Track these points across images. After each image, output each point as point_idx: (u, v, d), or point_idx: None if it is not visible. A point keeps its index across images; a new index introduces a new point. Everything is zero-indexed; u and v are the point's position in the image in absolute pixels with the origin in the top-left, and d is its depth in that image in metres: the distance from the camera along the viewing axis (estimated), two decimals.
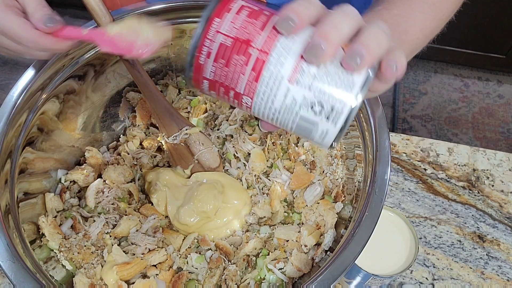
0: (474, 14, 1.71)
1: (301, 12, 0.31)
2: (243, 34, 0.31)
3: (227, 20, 0.31)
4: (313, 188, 0.62)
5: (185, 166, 0.66)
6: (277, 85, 0.31)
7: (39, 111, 0.56)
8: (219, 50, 0.32)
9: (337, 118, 0.31)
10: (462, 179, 0.78)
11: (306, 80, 0.31)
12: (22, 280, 0.45)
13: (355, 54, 0.30)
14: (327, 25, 0.31)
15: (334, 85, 0.31)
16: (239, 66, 0.32)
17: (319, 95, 0.31)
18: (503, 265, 0.70)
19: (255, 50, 0.31)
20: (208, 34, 0.32)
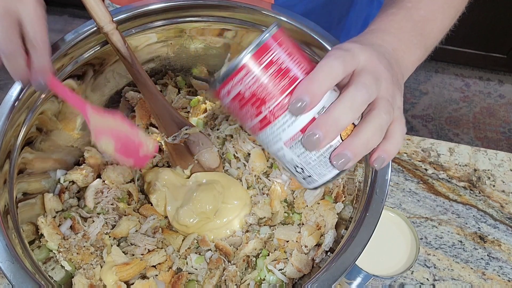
0: (475, 14, 1.70)
1: (318, 90, 0.33)
2: (262, 93, 0.34)
3: (253, 73, 0.34)
4: None
5: (184, 166, 0.66)
6: (275, 142, 0.36)
7: (38, 110, 0.56)
8: (237, 96, 0.35)
9: (312, 183, 0.38)
10: (463, 179, 0.78)
11: (298, 150, 0.35)
12: (21, 281, 0.44)
13: (340, 157, 0.34)
14: (330, 115, 0.34)
15: (317, 164, 0.36)
16: (249, 116, 0.36)
17: (303, 163, 0.36)
18: (504, 266, 0.69)
19: (267, 110, 0.35)
20: (233, 78, 0.34)
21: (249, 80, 0.34)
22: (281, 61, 0.34)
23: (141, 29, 0.62)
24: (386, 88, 0.37)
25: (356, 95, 0.34)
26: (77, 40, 0.56)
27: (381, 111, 0.35)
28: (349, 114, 0.34)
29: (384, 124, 0.35)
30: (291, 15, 0.58)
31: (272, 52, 0.34)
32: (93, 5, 0.51)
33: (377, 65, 0.37)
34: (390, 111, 0.36)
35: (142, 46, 0.64)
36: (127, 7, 0.60)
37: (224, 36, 0.65)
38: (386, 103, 0.36)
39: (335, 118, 0.33)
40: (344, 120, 0.34)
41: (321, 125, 0.33)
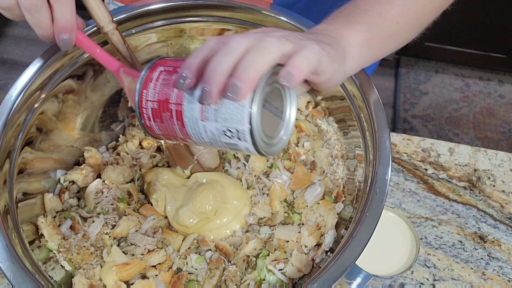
0: (475, 13, 1.70)
1: (193, 64, 0.36)
2: (162, 95, 0.39)
3: (150, 88, 0.40)
4: (314, 188, 0.62)
5: (184, 166, 0.66)
6: (197, 125, 0.38)
7: (38, 111, 0.56)
8: (152, 113, 0.40)
9: (245, 137, 0.37)
10: (463, 179, 0.78)
11: (210, 115, 0.37)
12: (21, 281, 0.44)
13: (230, 88, 0.35)
14: (209, 69, 0.35)
15: (230, 113, 0.36)
16: (169, 120, 0.39)
17: (225, 123, 0.37)
18: (504, 266, 0.69)
19: (173, 105, 0.39)
20: (142, 104, 0.40)
21: (150, 95, 0.40)
22: (167, 68, 0.40)
23: (141, 29, 0.62)
24: (281, 33, 0.37)
25: (229, 41, 0.35)
26: None
27: (266, 37, 0.35)
28: (224, 57, 0.35)
29: (270, 45, 0.35)
30: (291, 14, 0.58)
31: (158, 69, 0.40)
32: (93, 5, 0.51)
33: (268, 30, 0.38)
34: (280, 38, 0.36)
35: (142, 46, 0.64)
36: (127, 7, 0.60)
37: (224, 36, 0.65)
38: (277, 36, 0.36)
39: (212, 66, 0.35)
40: (221, 64, 0.35)
41: (205, 79, 0.35)
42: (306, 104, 0.69)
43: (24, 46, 2.10)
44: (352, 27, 0.44)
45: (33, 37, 2.11)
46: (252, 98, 0.36)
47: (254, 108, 0.36)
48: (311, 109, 0.69)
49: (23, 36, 2.13)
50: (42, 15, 0.43)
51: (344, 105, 0.59)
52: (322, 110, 0.68)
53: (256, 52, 0.35)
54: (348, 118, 0.60)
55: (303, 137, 0.67)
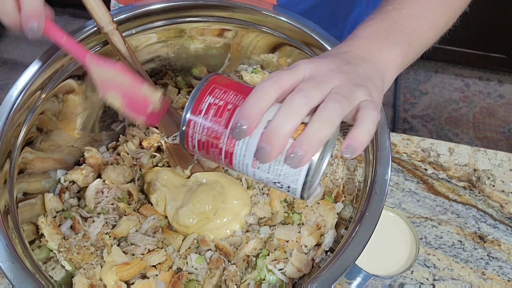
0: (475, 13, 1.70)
1: (251, 115, 0.35)
2: (212, 133, 0.38)
3: (198, 122, 0.39)
4: None
5: (184, 166, 0.66)
6: (245, 169, 0.38)
7: (38, 111, 0.56)
8: (198, 144, 0.39)
9: (296, 192, 0.38)
10: (463, 179, 0.78)
11: (263, 167, 0.37)
12: (21, 281, 0.44)
13: (292, 156, 0.34)
14: (271, 129, 0.34)
15: (285, 172, 0.37)
16: (216, 155, 0.39)
17: (276, 177, 0.37)
18: (504, 266, 0.69)
19: (223, 145, 0.38)
20: (188, 134, 0.40)
21: (198, 128, 0.39)
22: (218, 100, 0.38)
23: (142, 29, 0.62)
24: (338, 85, 0.37)
25: (293, 100, 0.35)
26: (77, 40, 0.56)
27: (328, 103, 0.35)
28: (288, 120, 0.34)
29: (333, 113, 0.35)
30: (291, 15, 0.59)
31: (206, 99, 0.38)
32: (93, 6, 0.51)
33: (322, 70, 0.37)
34: (339, 101, 0.35)
35: (142, 46, 0.64)
36: (127, 7, 0.60)
37: (224, 36, 0.65)
38: (335, 95, 0.36)
39: (275, 127, 0.34)
40: (285, 126, 0.34)
41: (265, 138, 0.35)
42: None
43: (24, 46, 2.10)
44: (392, 49, 0.45)
45: None
46: (310, 165, 0.36)
47: (310, 174, 0.36)
48: None
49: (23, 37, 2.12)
50: (6, 1, 0.41)
51: None
52: None
53: (321, 122, 0.34)
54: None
55: None
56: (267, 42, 0.64)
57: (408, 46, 0.46)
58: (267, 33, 0.62)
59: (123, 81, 0.46)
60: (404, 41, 0.46)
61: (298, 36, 0.59)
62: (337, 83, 0.37)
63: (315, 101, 0.35)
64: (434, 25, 0.50)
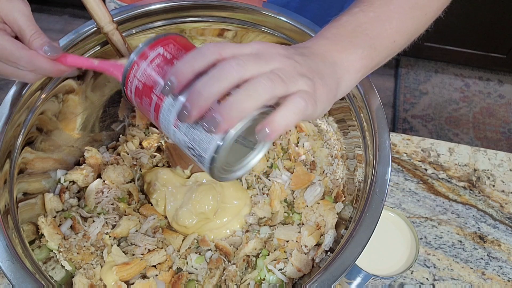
0: (474, 13, 1.71)
1: (182, 74, 0.35)
2: (149, 81, 0.39)
3: (142, 67, 0.39)
4: (313, 188, 0.62)
5: (185, 166, 0.66)
6: (168, 126, 0.38)
7: (38, 111, 0.56)
8: (136, 91, 0.40)
9: (203, 163, 0.38)
10: (463, 179, 0.78)
11: (183, 128, 0.37)
12: (21, 281, 0.45)
13: (209, 119, 0.34)
14: (196, 90, 0.34)
15: (200, 137, 0.36)
16: (147, 106, 0.39)
17: (192, 142, 0.37)
18: (504, 266, 0.70)
19: (155, 96, 0.38)
20: (129, 76, 0.40)
21: (140, 73, 0.39)
22: (168, 53, 0.39)
23: (141, 29, 0.62)
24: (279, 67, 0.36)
25: (224, 65, 0.34)
26: (77, 40, 0.56)
27: (260, 77, 0.34)
28: (214, 83, 0.34)
29: (262, 88, 0.34)
30: (291, 15, 0.59)
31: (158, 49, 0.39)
32: (93, 6, 0.51)
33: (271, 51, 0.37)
34: (273, 79, 0.34)
35: None
36: (127, 7, 0.60)
37: (224, 36, 0.65)
38: (271, 74, 0.34)
39: (199, 88, 0.34)
40: (210, 88, 0.34)
41: (189, 97, 0.34)
42: None
43: None
44: (354, 52, 0.43)
45: None
46: (224, 136, 0.35)
47: (222, 145, 0.35)
48: None
49: None
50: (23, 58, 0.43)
51: (344, 105, 0.59)
52: None
53: (245, 93, 0.34)
54: (348, 118, 0.60)
55: (303, 137, 0.67)
56: None
57: (372, 49, 0.45)
58: (267, 33, 0.62)
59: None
60: (368, 44, 0.45)
61: (298, 36, 0.59)
62: (280, 66, 0.36)
63: (247, 73, 0.34)
64: (402, 29, 0.48)
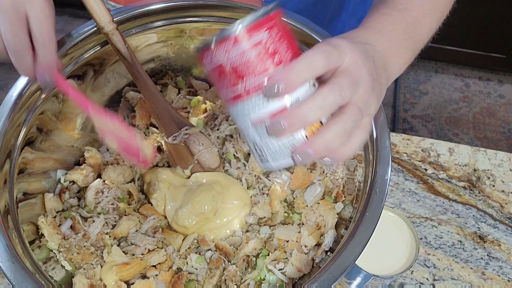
0: (475, 14, 1.71)
1: (296, 79, 0.34)
2: (243, 68, 0.35)
3: (241, 46, 0.34)
4: (313, 188, 0.62)
5: (185, 166, 0.66)
6: (243, 117, 0.37)
7: (38, 111, 0.56)
8: (219, 66, 0.36)
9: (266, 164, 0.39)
10: (463, 179, 0.78)
11: (261, 132, 0.37)
12: (21, 281, 0.45)
13: (303, 153, 0.36)
14: (299, 108, 0.34)
15: (276, 150, 0.37)
16: (226, 86, 0.36)
17: (264, 146, 0.37)
18: (504, 266, 0.70)
19: (243, 86, 0.35)
20: (222, 44, 0.35)
21: (234, 53, 0.34)
22: (270, 43, 0.35)
23: (141, 29, 0.62)
24: (362, 94, 0.37)
25: (329, 95, 0.35)
26: (77, 40, 0.56)
27: (349, 117, 0.36)
28: (317, 112, 0.35)
29: (348, 129, 0.36)
30: (291, 15, 0.59)
31: (264, 31, 0.34)
32: (93, 6, 0.51)
33: (360, 68, 0.37)
34: (358, 119, 0.36)
35: (142, 46, 0.64)
36: (127, 7, 0.60)
37: None
38: (356, 109, 0.36)
39: (303, 112, 0.34)
40: (311, 116, 0.35)
41: (289, 115, 0.35)
42: None
43: None
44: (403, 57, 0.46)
45: None
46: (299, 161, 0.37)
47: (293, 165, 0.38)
48: None
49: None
50: (26, 58, 0.45)
51: None
52: None
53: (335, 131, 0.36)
54: None
55: None
56: None
57: (413, 53, 0.48)
58: None
59: (120, 132, 0.53)
60: (412, 47, 0.47)
61: (298, 36, 0.58)
62: (365, 87, 0.37)
63: (344, 101, 0.36)
64: (430, 30, 0.51)
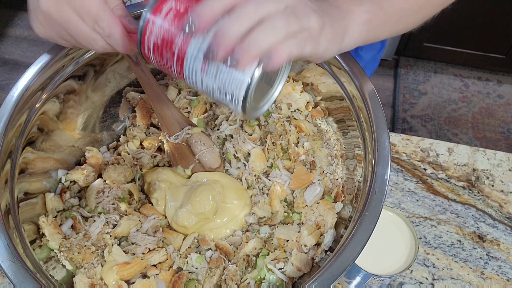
0: (474, 14, 1.71)
1: (205, 14, 0.36)
2: (168, 35, 0.39)
3: (157, 22, 0.39)
4: (313, 188, 0.62)
5: (186, 165, 0.66)
6: (195, 74, 0.39)
7: (39, 111, 0.56)
8: (154, 47, 0.40)
9: (238, 102, 0.39)
10: (462, 179, 0.78)
11: (211, 71, 0.38)
12: (22, 280, 0.45)
13: (235, 56, 0.36)
14: (220, 30, 0.35)
15: (230, 77, 0.38)
16: (169, 59, 0.40)
17: (222, 85, 0.39)
18: (503, 265, 0.70)
19: (176, 48, 0.39)
20: (145, 34, 0.40)
21: (156, 29, 0.39)
22: (179, 6, 0.39)
23: None
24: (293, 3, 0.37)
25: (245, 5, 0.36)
26: None
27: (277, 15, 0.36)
28: (237, 22, 0.35)
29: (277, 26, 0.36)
30: None
31: (169, 3, 0.39)
32: None
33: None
34: (289, 16, 0.36)
35: None
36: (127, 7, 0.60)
37: None
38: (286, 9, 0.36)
39: (223, 27, 0.35)
40: (234, 28, 0.35)
41: (214, 39, 0.35)
42: (306, 104, 0.69)
43: (25, 46, 2.10)
44: (360, 5, 0.45)
45: (34, 38, 2.11)
46: (253, 72, 0.37)
47: (251, 83, 0.38)
48: (311, 109, 0.69)
49: (24, 37, 2.13)
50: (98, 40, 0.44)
51: (343, 105, 0.60)
52: (321, 110, 0.68)
53: (264, 30, 0.36)
54: (347, 118, 0.61)
55: (302, 137, 0.67)
56: None
57: (378, 7, 0.47)
58: None
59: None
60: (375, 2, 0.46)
61: None
62: (293, 3, 0.37)
63: (266, 10, 0.36)
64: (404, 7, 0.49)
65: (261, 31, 0.36)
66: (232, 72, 0.38)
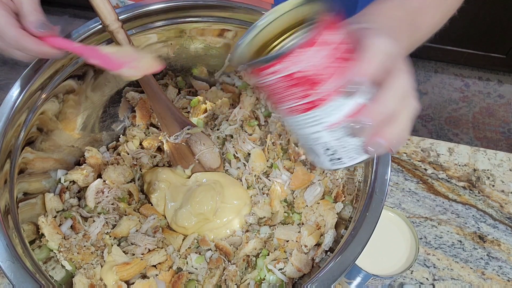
0: (474, 13, 1.71)
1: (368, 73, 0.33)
2: (316, 75, 0.32)
3: (307, 56, 0.31)
4: (313, 188, 0.62)
5: (186, 166, 0.66)
6: (313, 124, 0.35)
7: (39, 111, 0.56)
8: (287, 75, 0.32)
9: (337, 164, 0.38)
10: (463, 179, 0.78)
11: (338, 134, 0.35)
12: (21, 280, 0.45)
13: (377, 147, 0.35)
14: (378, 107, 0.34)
15: (353, 148, 0.36)
16: (294, 96, 0.33)
17: (338, 147, 0.36)
18: (503, 266, 0.70)
19: (316, 93, 0.33)
20: (283, 60, 0.32)
21: (307, 60, 0.31)
22: (337, 44, 0.32)
23: (142, 29, 0.62)
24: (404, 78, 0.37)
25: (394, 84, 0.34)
26: (78, 41, 0.56)
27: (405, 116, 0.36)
28: (395, 103, 0.34)
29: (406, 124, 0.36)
30: None
31: (337, 32, 0.32)
32: (99, 4, 0.51)
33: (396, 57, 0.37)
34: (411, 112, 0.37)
35: (142, 46, 0.64)
36: (127, 7, 0.60)
37: (224, 36, 0.65)
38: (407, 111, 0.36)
39: (385, 105, 0.34)
40: (391, 108, 0.34)
41: (372, 112, 0.34)
42: None
43: None
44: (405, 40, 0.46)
45: None
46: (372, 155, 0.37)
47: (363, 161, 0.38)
48: None
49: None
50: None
51: None
52: None
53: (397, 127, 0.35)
54: None
55: None
56: None
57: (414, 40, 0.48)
58: None
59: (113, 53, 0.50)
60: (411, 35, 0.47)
61: None
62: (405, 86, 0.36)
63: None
64: (433, 23, 0.51)
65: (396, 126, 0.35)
66: (356, 144, 0.36)
